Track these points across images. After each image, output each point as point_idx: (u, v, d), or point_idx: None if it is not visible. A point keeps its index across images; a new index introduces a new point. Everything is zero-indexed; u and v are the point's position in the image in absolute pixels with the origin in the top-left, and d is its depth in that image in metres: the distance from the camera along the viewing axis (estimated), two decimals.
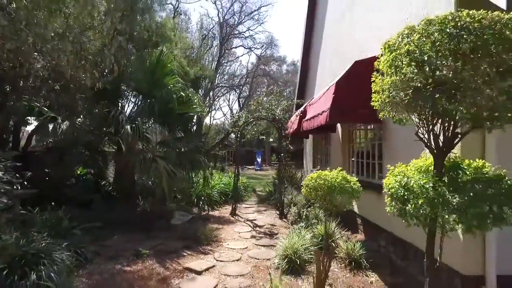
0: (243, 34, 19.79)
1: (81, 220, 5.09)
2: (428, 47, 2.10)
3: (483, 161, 2.57)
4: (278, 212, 7.65)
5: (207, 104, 16.00)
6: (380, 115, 2.55)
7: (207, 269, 4.15)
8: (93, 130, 6.99)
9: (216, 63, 18.68)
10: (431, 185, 2.36)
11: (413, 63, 2.14)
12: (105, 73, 6.69)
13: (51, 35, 5.08)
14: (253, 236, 5.79)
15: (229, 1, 16.10)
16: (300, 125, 7.38)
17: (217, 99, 23.21)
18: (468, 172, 2.48)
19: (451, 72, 2.12)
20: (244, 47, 21.27)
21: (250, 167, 25.78)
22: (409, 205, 2.43)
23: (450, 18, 2.09)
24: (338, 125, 7.19)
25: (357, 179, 3.77)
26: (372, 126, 5.80)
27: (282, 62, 32.31)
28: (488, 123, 2.21)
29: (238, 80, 24.84)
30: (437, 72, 2.08)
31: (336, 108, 4.65)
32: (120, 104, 7.30)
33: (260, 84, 27.27)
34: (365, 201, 5.13)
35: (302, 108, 8.11)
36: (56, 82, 6.16)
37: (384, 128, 4.99)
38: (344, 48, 7.08)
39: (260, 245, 5.28)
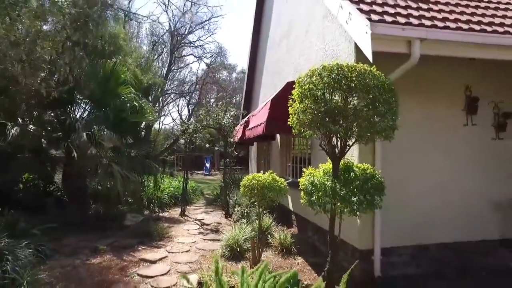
0: (193, 44, 20.38)
1: (34, 223, 5.37)
2: (321, 86, 3.06)
3: (367, 164, 3.64)
4: (224, 212, 8.41)
5: (156, 110, 16.27)
6: (294, 131, 3.47)
7: (160, 259, 4.80)
8: (44, 136, 7.17)
9: (166, 69, 18.98)
10: (329, 182, 3.33)
11: (311, 97, 3.09)
12: (60, 82, 6.94)
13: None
14: (200, 233, 6.51)
15: (180, 11, 16.63)
16: (244, 133, 8.27)
17: (166, 105, 23.38)
18: (357, 172, 3.50)
19: (341, 103, 3.13)
20: (195, 56, 21.84)
21: (199, 172, 26.20)
22: (314, 197, 3.39)
23: (335, 67, 3.09)
24: (278, 135, 8.20)
25: (285, 179, 4.71)
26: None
27: (232, 70, 33.31)
28: (367, 138, 3.24)
29: (188, 87, 25.24)
30: (328, 104, 3.06)
31: (271, 121, 5.60)
32: (75, 112, 7.57)
33: (209, 91, 27.89)
34: (297, 199, 6.12)
35: (246, 118, 9.02)
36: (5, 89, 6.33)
37: (310, 139, 6.05)
38: (283, 67, 8.13)
39: (207, 239, 6.02)
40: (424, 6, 4.51)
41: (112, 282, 3.91)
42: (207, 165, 26.87)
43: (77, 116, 7.46)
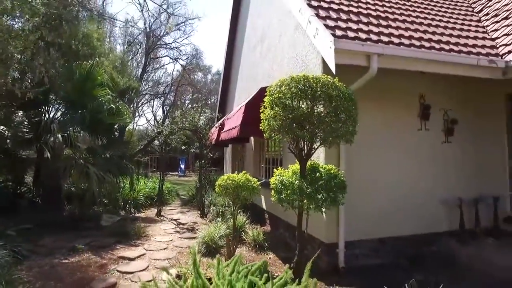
0: (169, 45, 20.33)
1: (7, 224, 5.38)
2: (289, 95, 3.42)
3: (332, 165, 4.04)
4: (199, 212, 8.63)
5: (131, 111, 16.16)
6: (265, 135, 3.80)
7: (139, 256, 4.99)
8: (14, 137, 7.11)
9: (141, 70, 18.84)
10: (297, 181, 3.69)
11: (280, 105, 3.44)
12: (35, 83, 6.91)
13: None
14: (177, 231, 6.71)
15: (156, 12, 16.56)
16: (219, 136, 8.54)
17: (141, 106, 23.12)
18: (322, 172, 3.89)
19: (308, 110, 3.50)
20: (170, 58, 21.77)
21: (173, 173, 26.06)
22: (283, 195, 3.74)
23: (302, 78, 3.45)
24: (252, 137, 8.53)
25: (258, 180, 5.04)
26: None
27: (207, 71, 33.36)
28: (330, 142, 3.63)
29: (163, 88, 25.08)
30: (295, 111, 3.42)
31: (245, 125, 5.92)
32: (49, 113, 7.54)
33: (184, 93, 27.80)
34: (270, 199, 6.47)
35: (221, 121, 9.29)
36: None
37: (282, 142, 6.42)
38: (257, 72, 8.47)
39: (183, 238, 6.24)
40: (384, 22, 5.01)
41: (92, 279, 4.07)
42: (182, 166, 26.79)
43: (52, 117, 7.44)
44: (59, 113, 7.79)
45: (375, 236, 4.94)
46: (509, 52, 4.76)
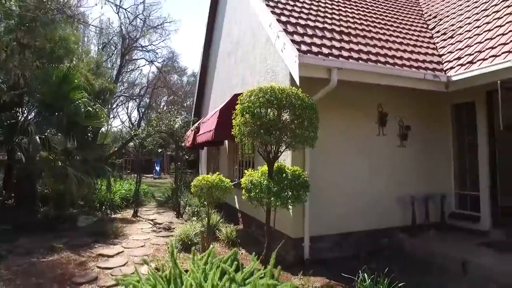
0: (145, 48, 20.31)
1: None
2: (258, 104, 3.84)
3: (297, 166, 4.49)
4: (175, 213, 8.89)
5: (106, 113, 16.06)
6: (236, 140, 4.20)
7: (117, 254, 5.24)
8: None
9: (116, 72, 18.71)
10: (265, 181, 4.11)
11: (250, 113, 3.85)
12: (9, 86, 6.94)
13: None
14: (153, 231, 6.97)
15: (133, 14, 16.51)
16: (194, 139, 8.84)
17: (116, 107, 22.88)
18: (288, 173, 4.33)
19: (274, 117, 3.93)
20: (146, 60, 21.72)
21: (148, 175, 25.89)
22: (252, 193, 4.15)
23: (269, 89, 3.89)
24: (226, 141, 8.89)
25: (231, 181, 5.43)
26: None
27: (183, 73, 33.39)
28: (294, 146, 4.08)
29: (139, 90, 24.92)
30: (263, 119, 3.84)
31: (219, 129, 6.29)
32: (24, 115, 7.57)
33: (160, 94, 27.75)
34: (242, 198, 6.87)
35: (196, 124, 9.60)
36: None
37: (251, 146, 6.85)
38: (231, 78, 8.87)
39: (160, 236, 6.53)
40: (346, 38, 5.56)
41: (72, 275, 4.30)
42: (157, 168, 26.67)
43: (29, 119, 7.48)
44: (29, 114, 7.83)
45: (338, 231, 5.44)
46: (451, 68, 5.43)
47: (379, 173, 5.86)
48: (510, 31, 4.95)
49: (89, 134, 8.23)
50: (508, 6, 5.72)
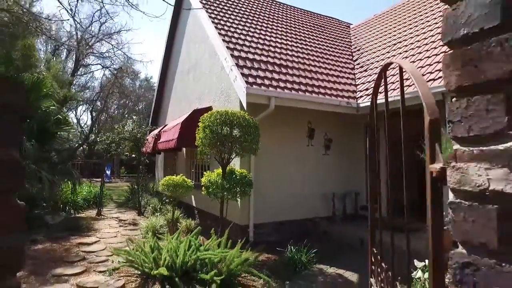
0: (101, 54, 20.52)
1: None
2: (215, 123, 5.23)
3: (244, 169, 5.93)
4: (136, 212, 9.85)
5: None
6: (199, 149, 5.53)
7: (95, 242, 6.24)
8: None
9: (70, 76, 18.73)
10: (220, 180, 5.49)
11: (209, 129, 5.22)
12: None
13: None
14: (121, 226, 7.96)
15: (88, 20, 16.78)
16: (155, 145, 9.92)
17: (67, 111, 22.57)
18: (237, 174, 5.74)
19: (227, 133, 5.35)
20: (102, 66, 21.85)
21: (97, 179, 25.67)
22: (210, 189, 5.50)
23: (224, 112, 5.29)
24: (184, 148, 10.09)
25: (193, 182, 6.72)
26: None
27: (136, 77, 33.40)
28: (241, 154, 5.51)
29: (91, 94, 24.78)
30: (219, 134, 5.24)
31: (181, 138, 7.54)
32: None
33: (111, 97, 27.68)
34: (198, 197, 8.17)
35: (157, 131, 10.67)
36: None
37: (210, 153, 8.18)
38: (190, 93, 10.11)
39: (128, 229, 7.56)
40: (284, 70, 7.16)
41: (63, 257, 5.27)
42: (108, 172, 26.56)
43: None
44: None
45: (276, 219, 6.99)
46: (361, 96, 7.30)
47: (308, 175, 7.53)
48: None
49: (57, 140, 8.90)
50: (405, 52, 7.76)
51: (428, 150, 1.08)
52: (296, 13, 12.18)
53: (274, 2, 12.51)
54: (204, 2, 9.26)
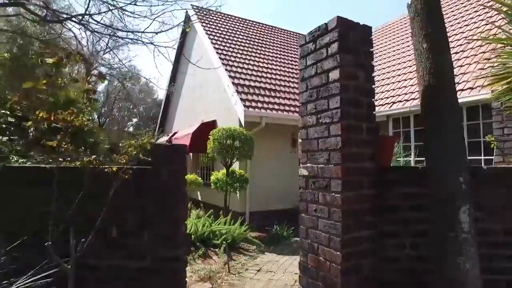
0: (112, 66, 22.28)
1: None
2: (223, 137, 7.31)
3: (242, 170, 8.06)
4: None
5: None
6: (209, 155, 7.62)
7: None
8: None
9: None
10: (225, 177, 7.60)
11: (217, 141, 7.31)
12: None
13: None
14: None
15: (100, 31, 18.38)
16: None
17: None
18: (237, 174, 7.86)
19: (231, 144, 7.47)
20: (112, 76, 23.55)
21: None
22: (218, 184, 7.62)
23: (228, 129, 7.38)
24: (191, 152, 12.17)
25: (202, 179, 8.81)
26: None
27: (136, 81, 35.31)
28: (240, 159, 7.63)
29: (100, 101, 26.58)
30: (225, 144, 7.33)
31: (192, 146, 9.61)
32: None
33: (118, 104, 29.62)
34: (204, 192, 10.26)
35: (167, 138, 12.71)
36: None
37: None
38: (197, 106, 12.17)
39: None
40: (273, 94, 9.29)
41: None
42: None
43: None
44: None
45: (266, 209, 9.09)
46: None
47: (291, 175, 9.61)
48: None
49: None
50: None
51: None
52: (285, 36, 14.36)
53: (266, 27, 14.66)
54: (207, 29, 11.36)
